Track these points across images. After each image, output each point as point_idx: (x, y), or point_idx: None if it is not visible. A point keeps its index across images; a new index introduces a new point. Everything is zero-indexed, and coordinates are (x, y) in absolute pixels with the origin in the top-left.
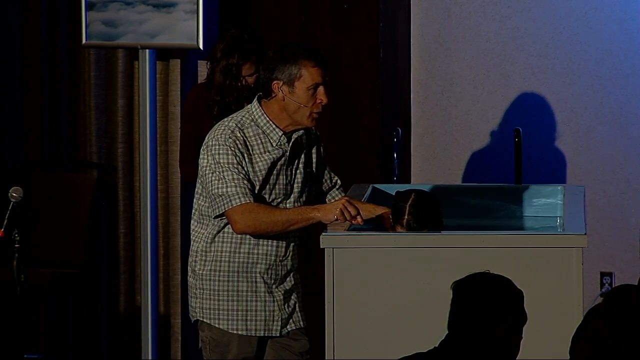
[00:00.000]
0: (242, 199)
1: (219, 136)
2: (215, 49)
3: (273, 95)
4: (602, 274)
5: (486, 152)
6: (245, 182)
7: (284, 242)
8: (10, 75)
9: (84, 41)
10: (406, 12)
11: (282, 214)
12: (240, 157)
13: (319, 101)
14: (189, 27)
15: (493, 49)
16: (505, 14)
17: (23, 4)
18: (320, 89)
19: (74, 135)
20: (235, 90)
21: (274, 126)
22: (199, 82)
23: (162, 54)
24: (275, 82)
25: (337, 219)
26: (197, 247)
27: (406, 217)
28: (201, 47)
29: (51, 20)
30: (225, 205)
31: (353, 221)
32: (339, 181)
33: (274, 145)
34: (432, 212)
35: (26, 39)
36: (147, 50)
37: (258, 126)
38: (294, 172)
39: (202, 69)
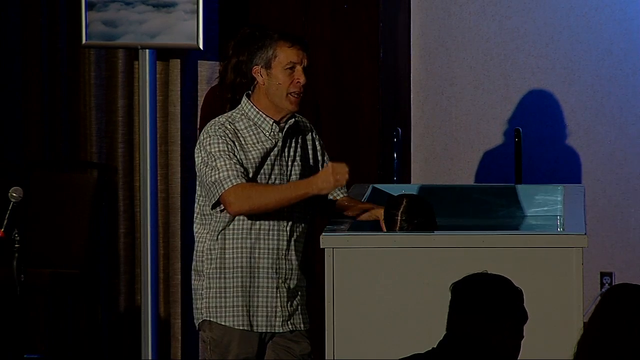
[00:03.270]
0: (234, 181)
1: (208, 129)
2: (228, 47)
3: (255, 82)
4: (602, 274)
5: (486, 152)
6: (238, 166)
7: (286, 236)
8: (10, 75)
9: (84, 41)
10: (406, 12)
11: (275, 191)
12: (232, 144)
13: (296, 80)
14: (189, 27)
15: (493, 49)
16: (505, 14)
17: (23, 4)
18: (298, 68)
19: (74, 135)
20: (246, 88)
21: (264, 116)
22: (199, 81)
23: (162, 54)
24: (254, 67)
25: (334, 186)
26: (202, 247)
27: (398, 224)
28: (201, 47)
29: (51, 20)
30: (219, 190)
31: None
32: None
33: (267, 136)
34: (425, 217)
35: (26, 39)
36: (147, 50)
37: (249, 119)
38: (289, 163)
39: (202, 69)
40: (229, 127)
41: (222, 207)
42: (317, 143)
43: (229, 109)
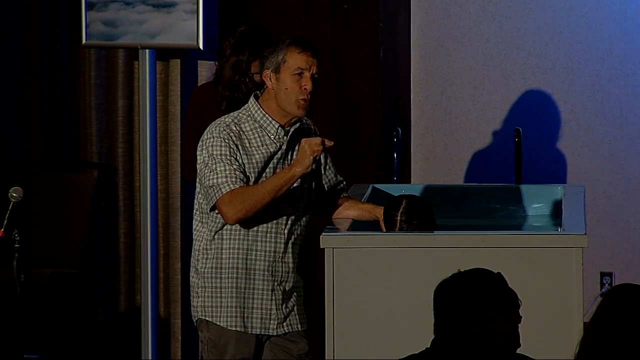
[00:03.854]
0: (231, 187)
1: (213, 130)
2: (225, 46)
3: (265, 86)
4: (602, 274)
5: (486, 152)
6: (238, 172)
7: (283, 239)
8: (10, 75)
9: (84, 41)
10: (406, 12)
11: (265, 185)
12: (235, 148)
13: (303, 87)
14: (189, 27)
15: (493, 49)
16: (505, 14)
17: (23, 4)
18: (306, 74)
19: (74, 135)
20: (244, 86)
21: (270, 119)
22: (199, 81)
23: (162, 54)
24: (265, 71)
25: (315, 158)
26: (199, 245)
27: (398, 225)
28: (201, 47)
29: (51, 20)
30: (216, 196)
31: (326, 145)
32: (342, 183)
33: (272, 139)
34: (424, 217)
35: (26, 39)
36: (147, 50)
37: (255, 120)
38: None
39: (202, 69)
40: (234, 128)
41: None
42: None
43: (225, 106)
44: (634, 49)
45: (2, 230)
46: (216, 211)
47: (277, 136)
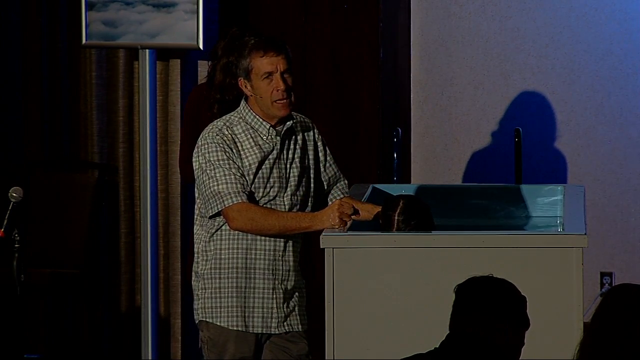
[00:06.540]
0: (235, 199)
1: (207, 136)
2: (216, 48)
3: (244, 93)
4: (602, 274)
5: (486, 152)
6: (237, 177)
7: (283, 237)
8: (10, 75)
9: (84, 41)
10: (406, 12)
11: (278, 219)
12: (230, 152)
13: (276, 89)
14: (189, 27)
15: (493, 49)
16: (505, 14)
17: (23, 4)
18: (275, 76)
19: (74, 135)
20: (235, 89)
21: (261, 120)
22: (199, 81)
23: (162, 54)
24: (239, 79)
25: (335, 227)
26: (198, 248)
27: (395, 225)
28: (201, 47)
29: (51, 20)
30: (219, 205)
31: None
32: (343, 181)
33: (265, 139)
34: (422, 218)
35: (26, 39)
36: (147, 50)
37: (246, 123)
38: (288, 166)
39: (202, 69)
40: (227, 132)
41: (221, 216)
42: (318, 142)
43: (217, 109)
44: (634, 49)
45: (2, 230)
46: (216, 217)
47: (269, 137)
